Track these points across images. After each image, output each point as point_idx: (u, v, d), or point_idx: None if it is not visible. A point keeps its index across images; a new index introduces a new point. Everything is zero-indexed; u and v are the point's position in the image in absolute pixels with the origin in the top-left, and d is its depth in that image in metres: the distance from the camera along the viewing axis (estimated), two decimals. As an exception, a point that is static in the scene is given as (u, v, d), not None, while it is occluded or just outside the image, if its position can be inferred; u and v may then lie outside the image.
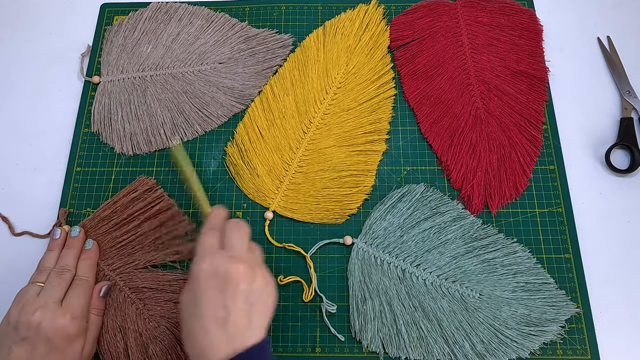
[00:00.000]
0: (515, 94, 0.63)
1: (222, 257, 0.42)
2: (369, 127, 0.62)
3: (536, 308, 0.52)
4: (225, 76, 0.65)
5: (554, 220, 0.58)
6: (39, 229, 0.59)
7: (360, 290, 0.54)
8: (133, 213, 0.57)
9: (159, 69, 0.66)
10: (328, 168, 0.60)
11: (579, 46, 0.67)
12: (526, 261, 0.55)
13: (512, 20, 0.67)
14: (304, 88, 0.64)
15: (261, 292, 0.42)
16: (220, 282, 0.41)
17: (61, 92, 0.67)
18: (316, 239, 0.57)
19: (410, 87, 0.64)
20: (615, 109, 0.64)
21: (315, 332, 0.54)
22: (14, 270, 0.58)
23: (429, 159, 0.61)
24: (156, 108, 0.63)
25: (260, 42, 0.67)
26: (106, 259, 0.56)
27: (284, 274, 0.56)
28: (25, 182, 0.62)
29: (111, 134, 0.63)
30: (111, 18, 0.71)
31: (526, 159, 0.60)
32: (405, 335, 0.51)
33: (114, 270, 0.55)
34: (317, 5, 0.70)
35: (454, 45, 0.66)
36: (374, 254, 0.55)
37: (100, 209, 0.58)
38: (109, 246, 0.56)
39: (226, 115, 0.64)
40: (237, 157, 0.61)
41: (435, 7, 0.68)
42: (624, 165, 0.61)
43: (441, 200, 0.58)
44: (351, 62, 0.65)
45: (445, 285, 0.54)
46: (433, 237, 0.56)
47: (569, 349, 0.52)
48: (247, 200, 0.60)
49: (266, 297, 0.42)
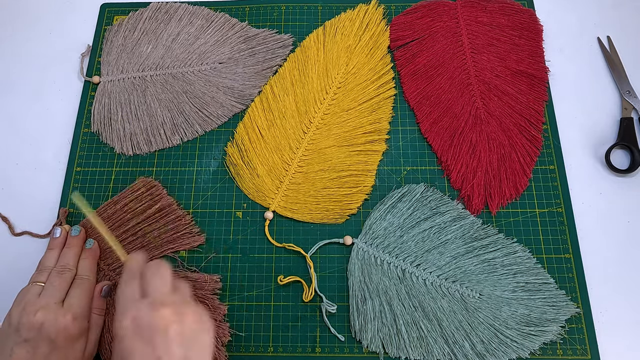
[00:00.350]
0: (515, 94, 0.63)
1: (143, 307, 0.39)
2: (369, 127, 0.62)
3: (536, 308, 0.52)
4: (225, 76, 0.65)
5: (554, 220, 0.58)
6: (39, 229, 0.59)
7: (360, 290, 0.54)
8: (134, 213, 0.57)
9: (159, 69, 0.66)
10: (328, 168, 0.60)
11: (579, 46, 0.67)
12: (526, 261, 0.55)
13: (512, 20, 0.67)
14: (304, 88, 0.64)
15: (195, 330, 0.39)
16: (146, 334, 0.38)
17: (61, 92, 0.67)
18: (316, 239, 0.57)
19: (410, 87, 0.64)
20: (615, 109, 0.63)
21: (315, 332, 0.54)
22: (14, 270, 0.58)
23: (429, 159, 0.61)
24: (156, 108, 0.64)
25: (260, 42, 0.67)
26: (106, 258, 0.56)
27: (284, 274, 0.56)
28: (25, 182, 0.62)
29: (111, 134, 0.63)
30: (111, 18, 0.71)
31: (526, 159, 0.60)
32: (405, 335, 0.51)
33: (113, 270, 0.55)
34: (317, 5, 0.70)
35: (454, 45, 0.66)
36: (374, 254, 0.55)
37: (100, 209, 0.58)
38: (109, 246, 0.56)
39: (226, 115, 0.64)
40: (237, 157, 0.61)
41: (435, 7, 0.68)
42: (624, 165, 0.61)
43: (441, 200, 0.58)
44: (351, 62, 0.65)
45: (445, 285, 0.54)
46: (433, 237, 0.56)
47: (569, 349, 0.52)
48: (247, 200, 0.60)
49: (202, 334, 0.40)
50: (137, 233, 0.57)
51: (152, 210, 0.57)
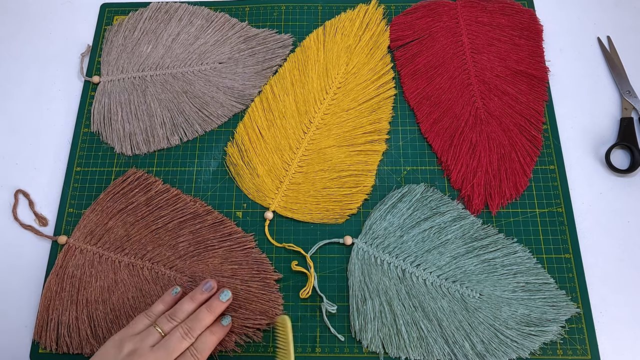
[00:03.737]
0: (516, 94, 0.63)
1: None
2: (369, 127, 0.62)
3: (536, 308, 0.52)
4: (225, 76, 0.65)
5: (554, 220, 0.58)
6: (34, 223, 0.59)
7: (360, 290, 0.54)
8: (135, 202, 0.58)
9: (159, 69, 0.66)
10: (328, 168, 0.60)
11: (579, 46, 0.67)
12: (526, 261, 0.55)
13: (512, 20, 0.67)
14: (304, 88, 0.64)
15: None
16: None
17: (61, 92, 0.67)
18: (316, 239, 0.57)
19: (410, 87, 0.64)
20: (615, 109, 0.63)
21: (315, 332, 0.54)
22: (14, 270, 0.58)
23: (429, 159, 0.61)
24: (156, 108, 0.63)
25: (260, 42, 0.67)
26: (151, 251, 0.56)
27: (284, 274, 0.56)
28: (25, 182, 0.62)
29: (111, 133, 0.63)
30: (111, 18, 0.71)
31: (526, 159, 0.60)
32: (405, 335, 0.51)
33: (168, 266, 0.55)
34: (317, 5, 0.70)
35: (454, 45, 0.66)
36: (374, 254, 0.55)
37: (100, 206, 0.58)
38: (143, 236, 0.57)
39: (226, 115, 0.64)
40: (237, 157, 0.61)
41: (435, 7, 0.68)
42: (624, 165, 0.61)
43: (441, 200, 0.58)
44: (351, 62, 0.65)
45: (445, 285, 0.54)
46: (433, 237, 0.56)
47: (569, 349, 0.52)
48: (247, 200, 0.60)
49: None
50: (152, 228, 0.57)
51: (152, 195, 0.58)
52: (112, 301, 0.54)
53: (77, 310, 0.53)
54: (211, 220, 0.57)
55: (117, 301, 0.54)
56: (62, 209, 0.60)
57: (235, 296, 0.53)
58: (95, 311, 0.53)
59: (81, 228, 0.57)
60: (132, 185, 0.59)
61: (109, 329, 0.53)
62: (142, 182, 0.59)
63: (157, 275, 0.55)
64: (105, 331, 0.53)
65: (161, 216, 0.57)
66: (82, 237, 0.57)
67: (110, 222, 0.57)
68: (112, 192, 0.59)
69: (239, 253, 0.56)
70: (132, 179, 0.60)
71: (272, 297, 0.54)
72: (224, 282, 0.54)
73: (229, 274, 0.55)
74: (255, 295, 0.54)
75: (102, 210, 0.58)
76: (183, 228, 0.57)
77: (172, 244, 0.56)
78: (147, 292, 0.54)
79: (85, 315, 0.53)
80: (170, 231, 0.57)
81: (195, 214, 0.58)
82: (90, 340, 0.52)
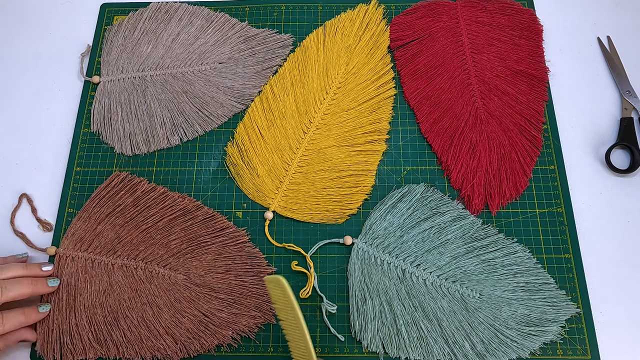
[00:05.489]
0: (516, 94, 0.63)
1: None
2: (369, 127, 0.62)
3: (536, 308, 0.52)
4: (225, 76, 0.65)
5: (554, 220, 0.58)
6: (38, 230, 0.59)
7: (360, 290, 0.54)
8: (123, 204, 0.58)
9: (159, 69, 0.66)
10: (328, 168, 0.60)
11: (579, 46, 0.67)
12: (526, 261, 0.55)
13: (512, 20, 0.67)
14: (304, 88, 0.64)
15: None
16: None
17: (61, 92, 0.67)
18: (316, 239, 0.57)
19: (410, 87, 0.64)
20: (615, 109, 0.63)
21: (315, 332, 0.54)
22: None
23: (429, 159, 0.61)
24: (156, 108, 0.63)
25: (260, 42, 0.67)
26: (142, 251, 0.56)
27: (284, 274, 0.56)
28: (25, 182, 0.62)
29: (111, 133, 0.63)
30: (111, 18, 0.71)
31: (526, 159, 0.60)
32: (405, 335, 0.51)
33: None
34: (317, 5, 0.70)
35: (454, 45, 0.66)
36: (374, 254, 0.55)
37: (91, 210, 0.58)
38: (135, 236, 0.57)
39: (226, 115, 0.64)
40: (237, 157, 0.61)
41: (435, 7, 0.68)
42: (624, 165, 0.61)
43: (441, 200, 0.58)
44: (351, 62, 0.65)
45: (445, 285, 0.54)
46: (433, 237, 0.56)
47: (569, 349, 0.52)
48: (247, 200, 0.60)
49: None
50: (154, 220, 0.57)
51: (138, 195, 0.58)
52: (109, 304, 0.54)
53: (76, 317, 0.53)
54: (202, 216, 0.57)
55: (114, 303, 0.54)
56: (62, 209, 0.60)
57: (230, 292, 0.54)
58: (94, 315, 0.53)
59: (69, 237, 0.57)
60: (117, 187, 0.59)
61: (109, 332, 0.53)
62: (127, 184, 0.59)
63: (152, 275, 0.55)
64: (106, 334, 0.52)
65: (150, 215, 0.57)
66: (72, 245, 0.56)
67: (99, 227, 0.57)
68: (98, 197, 0.59)
69: (233, 248, 0.56)
70: (116, 182, 0.59)
71: (266, 292, 0.54)
72: (219, 278, 0.54)
73: (223, 270, 0.55)
74: (250, 290, 0.54)
75: (89, 217, 0.58)
76: (174, 225, 0.57)
77: (164, 242, 0.56)
78: (143, 292, 0.54)
79: (85, 321, 0.53)
80: (161, 229, 0.57)
81: (185, 210, 0.58)
82: (93, 344, 0.52)
